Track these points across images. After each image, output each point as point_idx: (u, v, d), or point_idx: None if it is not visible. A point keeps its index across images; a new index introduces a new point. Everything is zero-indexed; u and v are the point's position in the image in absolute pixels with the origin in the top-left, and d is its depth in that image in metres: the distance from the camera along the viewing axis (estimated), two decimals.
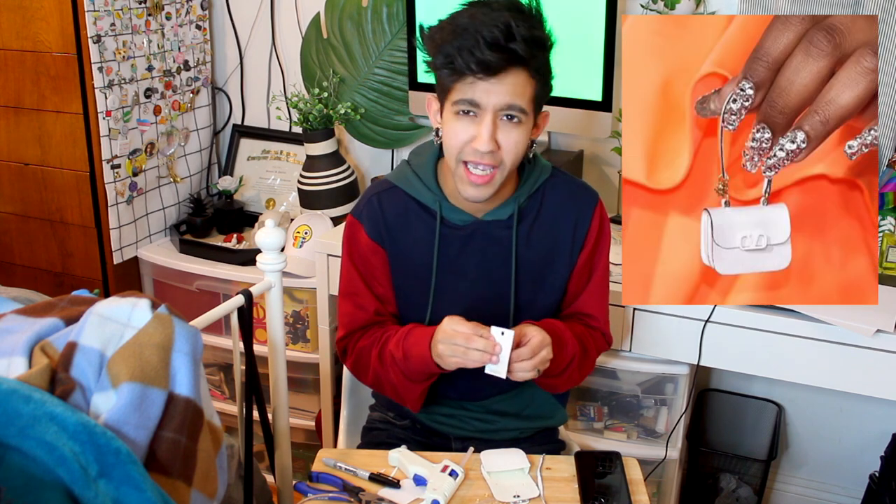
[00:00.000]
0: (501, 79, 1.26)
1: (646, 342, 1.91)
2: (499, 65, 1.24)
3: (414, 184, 1.46)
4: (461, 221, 1.44)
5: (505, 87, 1.26)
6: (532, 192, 1.45)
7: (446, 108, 1.33)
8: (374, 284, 1.50)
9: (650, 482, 2.09)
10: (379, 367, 1.45)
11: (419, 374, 1.40)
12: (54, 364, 1.06)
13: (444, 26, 1.29)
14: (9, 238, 2.52)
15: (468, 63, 1.24)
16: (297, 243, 2.34)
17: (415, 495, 1.31)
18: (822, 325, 1.72)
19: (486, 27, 1.23)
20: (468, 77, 1.26)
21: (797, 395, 2.35)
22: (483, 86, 1.27)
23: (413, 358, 1.38)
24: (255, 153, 2.75)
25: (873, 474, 2.14)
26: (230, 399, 2.51)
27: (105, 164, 2.31)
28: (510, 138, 1.31)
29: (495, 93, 1.27)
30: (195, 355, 1.11)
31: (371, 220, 1.47)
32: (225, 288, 2.41)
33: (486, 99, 1.27)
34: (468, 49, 1.23)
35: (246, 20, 2.69)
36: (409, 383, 1.44)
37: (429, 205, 1.45)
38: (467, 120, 1.30)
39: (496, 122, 1.29)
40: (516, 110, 1.29)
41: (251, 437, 1.45)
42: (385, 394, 1.52)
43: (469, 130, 1.30)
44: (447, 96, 1.32)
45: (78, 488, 0.94)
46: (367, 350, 1.48)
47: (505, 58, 1.24)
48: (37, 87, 2.31)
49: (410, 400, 1.48)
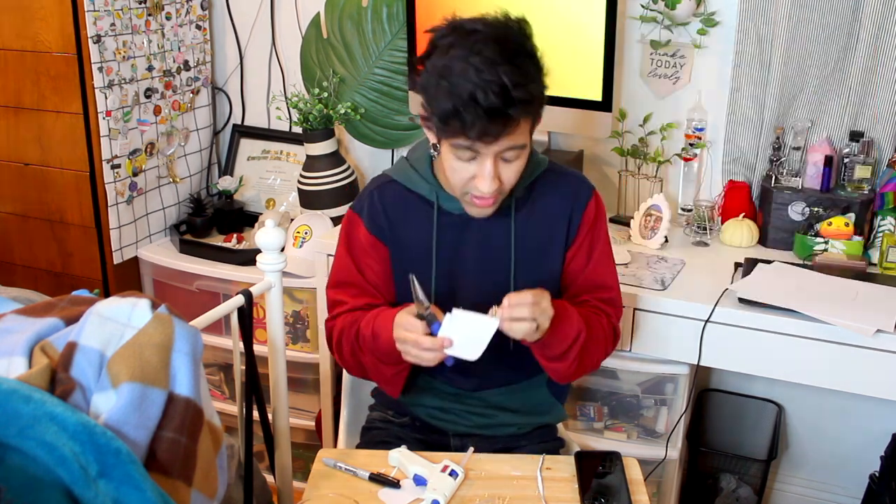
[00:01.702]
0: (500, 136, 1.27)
1: (646, 342, 1.91)
2: (499, 131, 1.25)
3: (411, 177, 1.49)
4: (458, 210, 1.46)
5: (504, 139, 1.27)
6: (528, 183, 1.48)
7: (444, 145, 1.32)
8: (369, 274, 1.50)
9: (650, 482, 2.09)
10: (356, 345, 1.46)
11: (389, 356, 1.40)
12: (54, 364, 1.06)
13: (438, 83, 1.25)
14: (9, 238, 2.52)
15: (469, 131, 1.24)
16: (297, 243, 2.34)
17: (415, 495, 1.31)
18: (822, 325, 1.72)
19: (480, 90, 1.20)
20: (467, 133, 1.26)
21: (797, 395, 2.35)
22: (484, 141, 1.26)
23: (381, 339, 1.38)
24: (255, 153, 2.75)
25: (873, 474, 2.14)
26: (230, 399, 2.51)
27: (105, 164, 2.31)
28: (511, 170, 1.33)
29: (496, 144, 1.27)
30: (195, 355, 1.11)
31: (371, 214, 1.49)
32: (225, 288, 2.41)
33: (486, 149, 1.28)
34: (469, 119, 1.22)
35: (246, 20, 2.69)
36: (381, 365, 1.45)
37: (426, 196, 1.47)
38: (467, 159, 1.31)
39: (497, 162, 1.31)
40: (517, 149, 1.30)
41: (251, 437, 1.45)
42: (366, 376, 1.54)
43: (469, 169, 1.31)
44: (445, 136, 1.30)
45: (78, 488, 0.94)
46: (346, 330, 1.48)
47: (504, 121, 1.24)
48: (37, 87, 2.31)
49: (385, 382, 1.50)
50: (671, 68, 2.24)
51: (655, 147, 2.28)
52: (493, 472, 1.38)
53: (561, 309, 1.38)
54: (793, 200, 2.08)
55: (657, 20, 2.20)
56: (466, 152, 1.29)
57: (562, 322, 1.38)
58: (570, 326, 1.40)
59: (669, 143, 2.28)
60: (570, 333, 1.41)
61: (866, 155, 2.07)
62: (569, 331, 1.40)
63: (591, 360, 1.49)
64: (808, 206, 2.07)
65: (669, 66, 2.24)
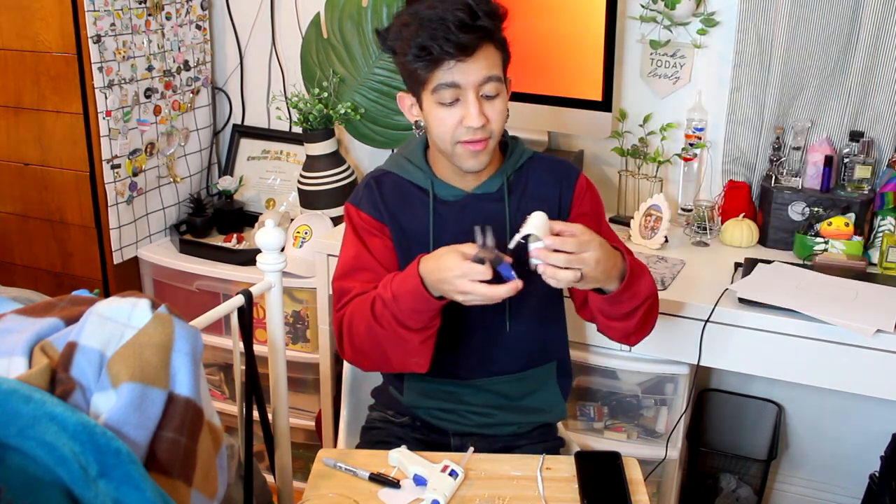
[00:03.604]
0: (476, 57, 1.33)
1: (646, 342, 1.89)
2: (472, 43, 1.32)
3: (405, 166, 1.52)
4: (453, 197, 1.49)
5: (479, 63, 1.34)
6: (517, 167, 1.52)
7: (426, 100, 1.39)
8: (379, 255, 1.47)
9: (650, 482, 2.09)
10: (372, 320, 1.37)
11: (414, 317, 1.33)
12: (54, 364, 1.06)
13: (409, 22, 1.35)
14: (9, 238, 2.52)
15: (445, 48, 1.31)
16: (297, 243, 2.34)
17: (415, 495, 1.31)
18: (822, 325, 1.72)
19: (449, 13, 1.31)
20: (445, 63, 1.33)
21: (797, 395, 2.35)
22: (461, 67, 1.33)
23: (404, 298, 1.31)
24: (255, 153, 2.76)
25: (873, 474, 2.14)
26: (230, 399, 2.51)
27: (105, 164, 2.31)
28: (495, 109, 1.39)
29: (473, 71, 1.34)
30: (195, 355, 1.11)
31: (369, 200, 1.50)
32: (225, 288, 2.41)
33: (465, 79, 1.34)
34: (442, 36, 1.30)
35: (246, 20, 2.69)
36: (405, 332, 1.35)
37: (421, 184, 1.50)
38: (450, 102, 1.37)
39: (479, 99, 1.37)
40: (494, 80, 1.37)
41: (251, 437, 1.45)
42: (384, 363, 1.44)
43: (456, 115, 1.37)
44: (424, 87, 1.38)
45: (78, 488, 0.94)
46: (359, 309, 1.40)
47: (477, 35, 1.32)
48: (37, 87, 2.31)
49: (411, 354, 1.39)
50: (671, 68, 2.24)
51: (655, 147, 2.28)
52: (493, 472, 1.38)
53: (637, 266, 1.39)
54: (793, 200, 2.08)
55: (657, 20, 2.20)
56: (448, 92, 1.35)
57: (637, 279, 1.37)
58: (643, 285, 1.39)
59: (669, 143, 2.28)
60: (642, 292, 1.39)
61: (866, 155, 2.07)
62: (642, 288, 1.39)
63: (654, 320, 1.50)
64: (808, 206, 2.07)
65: (669, 66, 2.24)
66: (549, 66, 2.17)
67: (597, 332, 1.53)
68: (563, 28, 2.11)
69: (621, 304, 1.39)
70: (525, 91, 2.20)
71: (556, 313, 1.59)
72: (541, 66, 2.18)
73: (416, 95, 1.42)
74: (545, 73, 2.18)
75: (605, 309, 1.42)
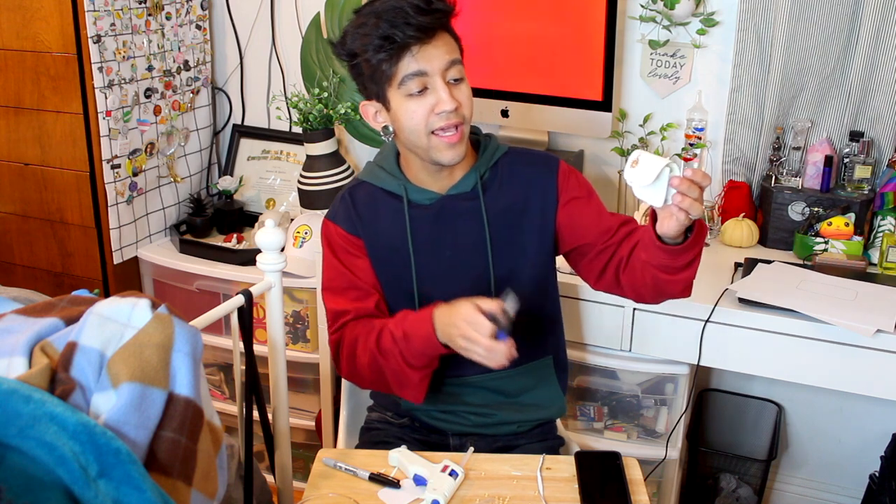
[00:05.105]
0: (435, 43, 1.37)
1: (646, 342, 1.91)
2: (432, 24, 1.35)
3: (378, 174, 1.53)
4: (428, 200, 1.50)
5: (441, 49, 1.37)
6: (491, 164, 1.52)
7: (393, 97, 1.40)
8: (360, 273, 1.51)
9: (650, 482, 2.09)
10: (377, 352, 1.43)
11: (419, 358, 1.39)
12: (54, 364, 1.06)
13: (365, 20, 1.37)
14: (9, 238, 2.52)
15: (407, 33, 1.33)
16: (297, 243, 2.34)
17: (415, 495, 1.31)
18: (822, 325, 1.72)
19: (405, 1, 1.34)
20: (409, 50, 1.35)
21: (797, 395, 2.35)
22: (424, 54, 1.36)
23: (414, 339, 1.37)
24: (255, 153, 2.76)
25: (873, 474, 2.14)
26: (230, 399, 2.51)
27: (105, 164, 2.31)
28: (462, 93, 1.41)
29: (436, 56, 1.37)
30: (195, 355, 1.11)
31: (344, 215, 1.53)
32: (225, 288, 2.41)
33: (430, 65, 1.36)
34: (402, 22, 1.33)
35: (246, 20, 2.69)
36: (408, 370, 1.41)
37: (394, 191, 1.51)
38: (419, 91, 1.38)
39: (447, 84, 1.39)
40: (458, 63, 1.40)
41: (251, 437, 1.45)
42: (382, 387, 1.49)
43: (426, 104, 1.39)
44: (390, 83, 1.39)
45: (78, 488, 0.94)
46: (363, 338, 1.46)
47: (435, 17, 1.35)
48: (37, 87, 2.31)
49: (408, 388, 1.45)
50: (671, 68, 2.24)
51: (655, 147, 2.28)
52: (492, 472, 1.38)
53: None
54: (793, 200, 2.08)
55: (656, 20, 2.20)
56: (415, 81, 1.36)
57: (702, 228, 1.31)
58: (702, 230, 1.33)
59: (669, 143, 2.28)
60: (702, 239, 1.34)
61: (866, 155, 2.07)
62: (704, 228, 1.34)
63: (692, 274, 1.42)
64: (808, 206, 2.07)
65: (669, 66, 2.24)
66: (549, 66, 2.18)
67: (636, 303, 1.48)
68: (563, 28, 2.11)
69: (696, 246, 1.32)
70: (525, 91, 2.20)
71: (551, 305, 1.60)
72: (541, 66, 2.18)
73: (380, 98, 1.42)
74: (545, 73, 2.18)
75: (670, 262, 1.33)
